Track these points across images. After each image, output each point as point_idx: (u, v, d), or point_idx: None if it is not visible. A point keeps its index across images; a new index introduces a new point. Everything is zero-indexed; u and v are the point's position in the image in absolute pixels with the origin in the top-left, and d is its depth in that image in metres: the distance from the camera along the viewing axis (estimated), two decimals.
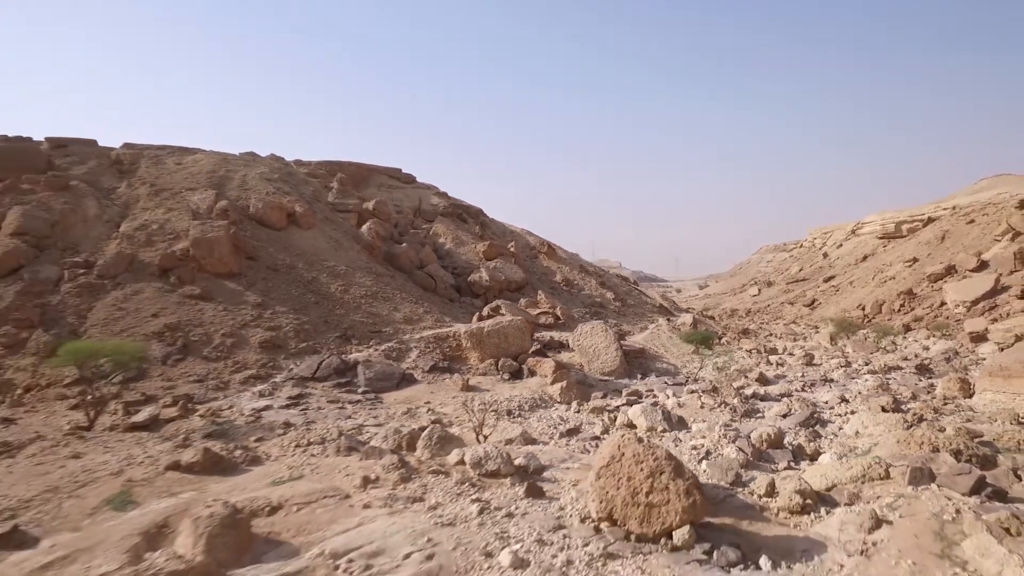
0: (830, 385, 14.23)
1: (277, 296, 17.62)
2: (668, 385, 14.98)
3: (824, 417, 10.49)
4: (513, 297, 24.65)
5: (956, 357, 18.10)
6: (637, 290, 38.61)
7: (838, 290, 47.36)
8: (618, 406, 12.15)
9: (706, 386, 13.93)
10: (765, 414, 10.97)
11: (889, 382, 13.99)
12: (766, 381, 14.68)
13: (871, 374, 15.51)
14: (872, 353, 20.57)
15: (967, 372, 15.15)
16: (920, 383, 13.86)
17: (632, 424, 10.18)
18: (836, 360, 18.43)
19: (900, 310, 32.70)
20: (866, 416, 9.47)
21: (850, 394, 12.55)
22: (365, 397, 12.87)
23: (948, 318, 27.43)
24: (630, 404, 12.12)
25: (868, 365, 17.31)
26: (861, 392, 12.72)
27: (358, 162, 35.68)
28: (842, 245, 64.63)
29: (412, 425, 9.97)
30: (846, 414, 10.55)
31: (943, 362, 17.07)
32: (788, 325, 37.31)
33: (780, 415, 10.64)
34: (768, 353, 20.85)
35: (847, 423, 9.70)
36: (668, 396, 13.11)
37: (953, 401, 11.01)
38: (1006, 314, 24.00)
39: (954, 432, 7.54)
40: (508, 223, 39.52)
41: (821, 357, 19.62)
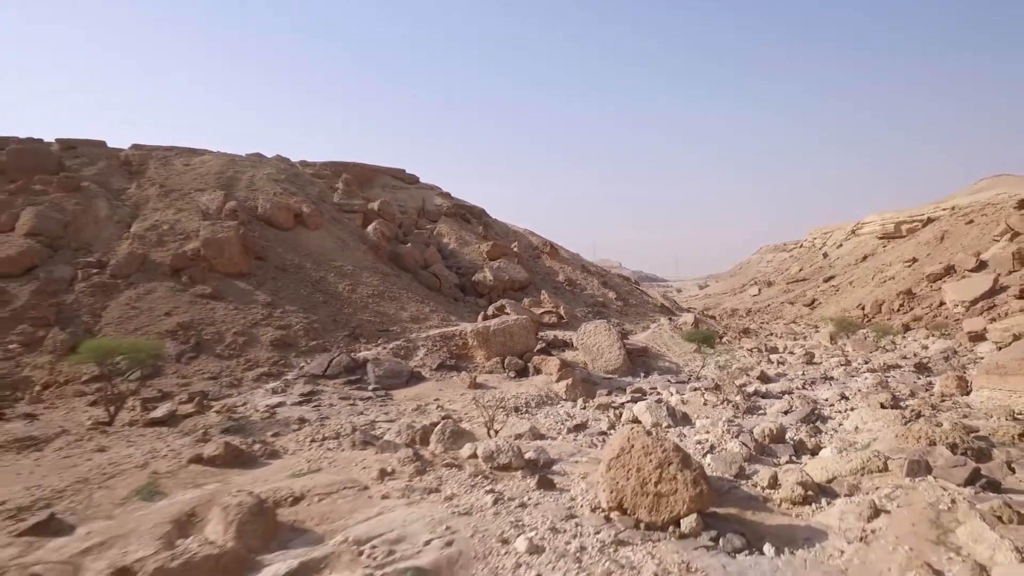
0: (830, 383, 14.42)
1: (286, 295, 17.88)
2: (671, 383, 15.16)
3: (824, 413, 10.70)
4: (517, 297, 24.87)
5: (954, 356, 18.20)
6: (639, 290, 38.81)
7: (838, 290, 47.51)
8: (623, 403, 12.34)
9: (709, 384, 14.13)
10: (767, 411, 11.17)
11: (888, 380, 14.16)
12: (767, 379, 14.90)
13: (870, 372, 15.69)
14: (872, 352, 20.75)
15: (965, 371, 15.28)
16: (919, 381, 14.01)
17: (637, 420, 10.38)
18: (836, 359, 18.62)
19: (899, 310, 32.87)
20: (865, 412, 9.67)
21: (850, 391, 12.75)
22: (375, 394, 13.11)
23: (947, 318, 27.55)
24: (635, 401, 12.33)
25: (868, 364, 17.50)
26: (861, 390, 12.92)
27: (362, 163, 35.88)
28: (842, 245, 64.75)
29: (423, 421, 10.19)
30: (846, 411, 10.75)
31: (942, 361, 17.18)
32: (788, 325, 37.45)
33: (781, 412, 10.84)
34: (769, 352, 21.06)
35: (847, 419, 9.90)
36: (672, 394, 13.30)
37: (951, 398, 11.20)
38: (1004, 314, 24.14)
39: (950, 427, 7.76)
40: (510, 223, 39.75)
41: (821, 356, 19.81)
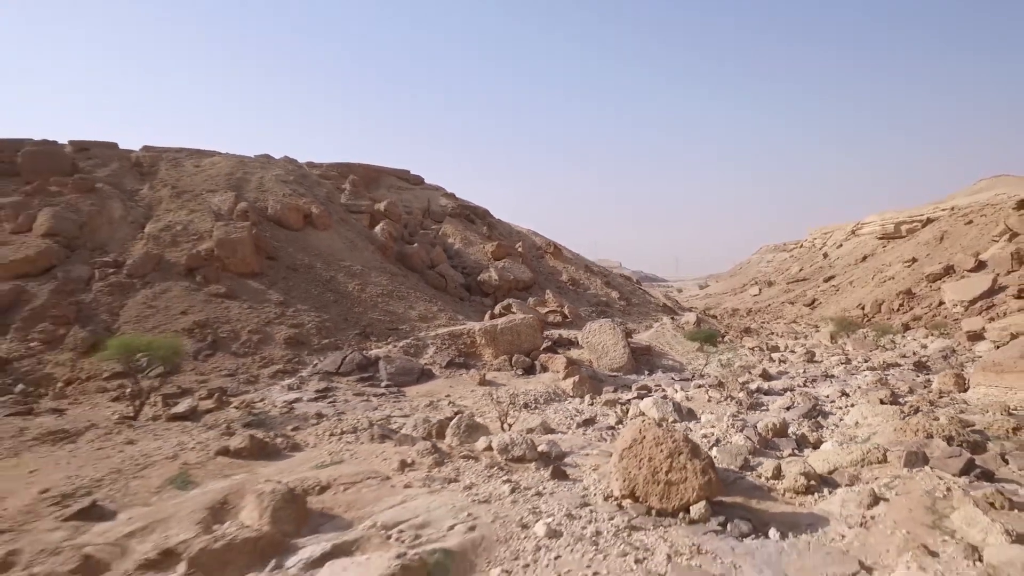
0: (831, 380, 14.69)
1: (298, 295, 18.23)
2: (675, 380, 15.46)
3: (825, 409, 10.97)
4: (521, 296, 25.19)
5: (953, 355, 18.40)
6: (641, 289, 39.14)
7: (838, 290, 47.81)
8: (629, 399, 12.63)
9: (712, 381, 14.44)
10: (769, 407, 11.46)
11: (888, 378, 14.40)
12: (769, 377, 15.20)
13: (870, 370, 15.93)
14: (871, 351, 21.04)
15: (963, 369, 15.56)
16: (917, 379, 14.25)
17: (644, 415, 10.71)
18: (836, 357, 18.90)
19: (899, 309, 33.15)
20: (865, 408, 9.99)
21: (850, 388, 13.03)
22: (388, 391, 13.45)
23: (946, 317, 27.82)
24: (641, 397, 12.63)
25: (867, 362, 17.78)
26: (861, 387, 13.18)
27: (367, 164, 36.26)
28: (842, 245, 65.02)
29: (437, 416, 10.52)
30: (846, 406, 11.03)
31: (940, 360, 17.35)
32: (789, 324, 37.75)
33: (784, 408, 11.13)
34: (770, 351, 21.37)
35: (847, 414, 10.20)
36: (676, 390, 13.59)
37: (948, 395, 11.45)
38: (1003, 313, 24.40)
39: (947, 421, 8.09)
40: (513, 223, 40.09)
41: (822, 355, 20.10)
